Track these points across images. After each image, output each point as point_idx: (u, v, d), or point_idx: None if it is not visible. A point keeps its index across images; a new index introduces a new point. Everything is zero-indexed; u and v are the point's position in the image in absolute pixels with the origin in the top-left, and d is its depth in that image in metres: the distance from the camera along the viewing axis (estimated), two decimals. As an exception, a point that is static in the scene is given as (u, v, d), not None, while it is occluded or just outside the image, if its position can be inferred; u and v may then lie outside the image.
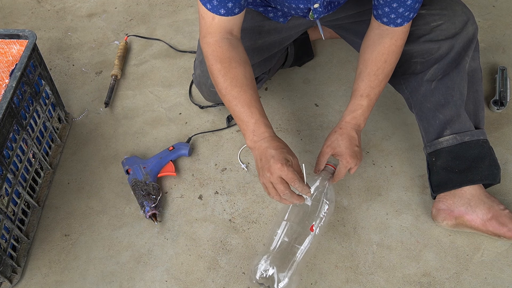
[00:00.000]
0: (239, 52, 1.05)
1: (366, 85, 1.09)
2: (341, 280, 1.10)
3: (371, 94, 1.10)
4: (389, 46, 1.07)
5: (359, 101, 1.10)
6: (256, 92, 1.05)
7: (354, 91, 1.11)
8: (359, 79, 1.10)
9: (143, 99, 1.50)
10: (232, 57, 1.03)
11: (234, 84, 1.02)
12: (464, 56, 1.12)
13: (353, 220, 1.19)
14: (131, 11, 1.79)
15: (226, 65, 1.03)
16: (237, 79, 1.02)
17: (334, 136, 1.10)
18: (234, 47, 1.05)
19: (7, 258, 1.09)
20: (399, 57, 1.10)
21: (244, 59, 1.06)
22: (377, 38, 1.08)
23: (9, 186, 1.11)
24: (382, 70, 1.09)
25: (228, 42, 1.04)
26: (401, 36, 1.07)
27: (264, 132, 1.00)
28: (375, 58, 1.08)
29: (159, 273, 1.13)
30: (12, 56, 1.19)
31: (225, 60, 1.03)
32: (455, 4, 1.13)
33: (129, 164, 1.28)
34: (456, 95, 1.11)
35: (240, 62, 1.04)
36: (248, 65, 1.06)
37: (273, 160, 0.95)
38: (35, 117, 1.25)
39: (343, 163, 1.08)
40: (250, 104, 1.01)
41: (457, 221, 1.12)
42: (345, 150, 1.08)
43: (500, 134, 1.33)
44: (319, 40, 1.60)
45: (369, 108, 1.11)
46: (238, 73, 1.03)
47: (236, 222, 1.21)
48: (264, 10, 1.23)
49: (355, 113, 1.10)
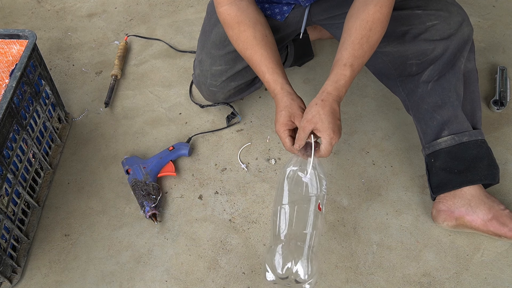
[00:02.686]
0: (248, 14, 1.10)
1: (349, 54, 1.02)
2: (341, 280, 1.10)
3: (355, 64, 1.02)
4: (373, 13, 1.02)
5: (342, 71, 1.02)
6: (270, 48, 1.10)
7: (337, 61, 1.04)
8: (343, 48, 1.04)
9: (143, 99, 1.50)
10: (241, 21, 1.09)
11: (245, 47, 1.10)
12: (460, 57, 1.12)
13: (353, 220, 1.19)
14: (131, 11, 1.79)
15: (236, 31, 1.10)
16: (247, 41, 1.10)
17: (315, 109, 1.00)
18: (243, 10, 1.09)
19: (7, 258, 1.09)
20: (385, 28, 1.05)
21: (254, 19, 1.10)
22: (362, 5, 1.03)
23: (9, 186, 1.11)
24: (367, 39, 1.02)
25: (236, 7, 1.09)
26: (386, 3, 1.02)
27: (274, 89, 1.08)
28: (359, 26, 1.02)
29: (159, 273, 1.13)
30: (12, 56, 1.19)
31: (235, 26, 1.10)
32: (450, 6, 1.13)
33: (129, 164, 1.28)
34: (452, 95, 1.11)
35: (249, 24, 1.09)
36: (258, 24, 1.11)
37: (277, 121, 1.05)
38: (35, 117, 1.25)
39: (327, 139, 0.99)
40: (260, 64, 1.09)
41: (457, 222, 1.12)
42: (328, 125, 0.98)
43: (500, 134, 1.33)
44: (319, 40, 1.60)
45: (351, 79, 1.03)
46: (248, 35, 1.09)
47: (236, 222, 1.21)
48: (261, 7, 1.23)
49: (338, 83, 1.02)
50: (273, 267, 0.95)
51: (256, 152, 1.34)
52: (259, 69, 1.09)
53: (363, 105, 1.42)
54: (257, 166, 1.31)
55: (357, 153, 1.32)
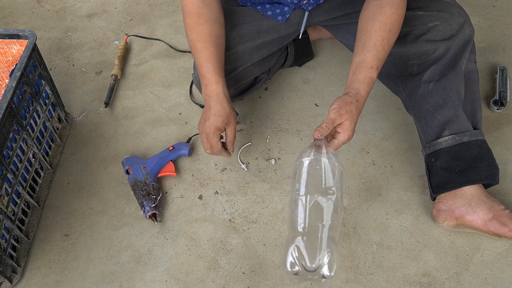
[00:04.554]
0: (210, 10, 1.11)
1: (374, 57, 1.02)
2: (341, 280, 1.10)
3: (379, 67, 1.03)
4: (391, 15, 1.03)
5: (370, 74, 1.02)
6: (220, 49, 1.12)
7: (362, 62, 1.02)
8: (365, 49, 1.03)
9: (143, 99, 1.50)
10: (201, 13, 1.10)
11: (198, 39, 1.11)
12: (461, 57, 1.12)
13: (353, 220, 1.19)
14: (131, 11, 1.79)
15: (194, 21, 1.11)
16: (201, 35, 1.10)
17: (349, 108, 0.99)
18: (206, 4, 1.10)
19: (7, 258, 1.09)
20: (400, 28, 1.06)
21: (215, 17, 1.11)
22: (377, 8, 1.04)
23: (9, 186, 1.11)
24: (387, 40, 1.03)
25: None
26: (400, 4, 1.04)
27: (213, 90, 1.11)
28: (379, 28, 1.03)
29: (159, 273, 1.13)
30: (12, 56, 1.19)
31: (194, 16, 1.10)
32: (452, 7, 1.14)
33: (129, 164, 1.28)
34: (454, 95, 1.11)
35: (208, 20, 1.11)
36: (217, 23, 1.12)
37: (208, 123, 1.11)
38: (35, 117, 1.25)
39: (345, 138, 1.00)
40: (208, 60, 1.10)
41: (458, 222, 1.12)
42: (353, 126, 1.00)
43: (500, 134, 1.33)
44: (319, 40, 1.60)
45: (374, 82, 1.04)
46: (204, 30, 1.10)
47: (236, 222, 1.21)
48: (262, 8, 1.23)
49: (369, 86, 1.02)
50: (298, 260, 0.92)
51: (256, 152, 1.34)
52: (204, 65, 1.11)
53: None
54: (257, 166, 1.31)
55: (357, 153, 1.32)
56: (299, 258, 0.92)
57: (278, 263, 1.13)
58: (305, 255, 0.92)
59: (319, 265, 0.92)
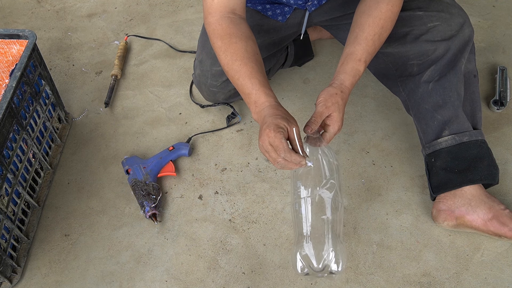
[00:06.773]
0: (240, 28, 1.04)
1: (363, 50, 1.02)
2: (341, 280, 1.10)
3: (367, 60, 1.03)
4: (385, 11, 1.03)
5: (357, 66, 1.02)
6: (260, 65, 1.02)
7: (351, 54, 1.02)
8: (356, 42, 1.03)
9: (143, 99, 1.50)
10: (233, 33, 1.03)
11: (234, 58, 1.01)
12: (460, 58, 1.13)
13: (353, 220, 1.19)
14: (131, 11, 1.79)
15: (226, 41, 1.02)
16: (237, 53, 1.01)
17: (335, 99, 0.98)
18: (235, 24, 1.04)
19: (7, 258, 1.09)
20: (392, 27, 1.06)
21: (247, 34, 1.04)
22: (373, 3, 1.04)
23: (9, 186, 1.11)
24: (379, 36, 1.03)
25: (228, 20, 1.04)
26: (396, 2, 1.04)
27: (264, 102, 0.98)
28: (372, 23, 1.03)
29: (159, 273, 1.13)
30: (12, 56, 1.19)
31: (225, 37, 1.03)
32: (451, 7, 1.14)
33: (129, 164, 1.28)
34: (453, 95, 1.11)
35: (241, 37, 1.03)
36: (250, 40, 1.04)
37: (265, 126, 0.92)
38: (35, 117, 1.25)
39: (335, 129, 0.99)
40: (250, 75, 0.99)
41: (458, 222, 1.12)
42: (341, 117, 0.99)
43: (500, 134, 1.33)
44: (319, 40, 1.60)
45: (361, 75, 1.04)
46: (238, 47, 1.02)
47: (236, 222, 1.21)
48: (262, 8, 1.23)
49: (354, 78, 1.02)
50: (308, 261, 0.96)
51: (256, 152, 1.34)
52: (248, 81, 1.00)
53: (363, 105, 1.42)
54: (257, 166, 1.31)
55: (357, 153, 1.32)
56: (307, 261, 0.96)
57: (278, 263, 1.13)
58: (311, 257, 0.96)
59: (326, 265, 0.96)
